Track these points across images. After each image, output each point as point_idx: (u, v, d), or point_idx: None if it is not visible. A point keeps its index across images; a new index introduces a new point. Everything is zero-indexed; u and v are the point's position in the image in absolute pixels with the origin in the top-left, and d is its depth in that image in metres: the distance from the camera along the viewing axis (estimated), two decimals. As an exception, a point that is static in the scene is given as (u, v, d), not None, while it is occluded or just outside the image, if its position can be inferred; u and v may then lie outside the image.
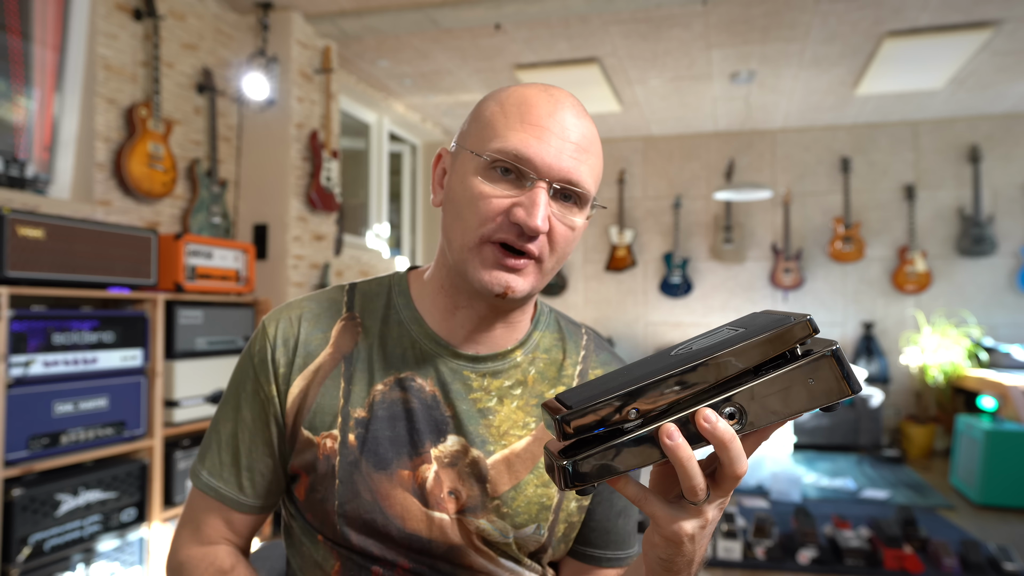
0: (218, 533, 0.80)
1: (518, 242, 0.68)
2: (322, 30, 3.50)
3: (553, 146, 0.68)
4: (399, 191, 5.54)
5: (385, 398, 0.76)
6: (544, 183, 0.68)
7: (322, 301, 0.82)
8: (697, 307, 5.73)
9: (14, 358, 1.96)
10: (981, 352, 4.84)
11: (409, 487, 0.74)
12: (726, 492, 0.54)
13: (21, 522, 1.92)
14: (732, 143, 5.66)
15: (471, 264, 0.70)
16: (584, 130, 0.71)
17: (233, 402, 0.80)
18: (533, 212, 0.66)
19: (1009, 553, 2.74)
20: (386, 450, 0.75)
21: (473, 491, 0.75)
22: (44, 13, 2.54)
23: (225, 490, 0.78)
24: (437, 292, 0.78)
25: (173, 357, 2.51)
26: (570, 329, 0.87)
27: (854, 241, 5.31)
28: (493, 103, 0.72)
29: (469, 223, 0.70)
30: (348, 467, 0.74)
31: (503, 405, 0.78)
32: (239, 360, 0.82)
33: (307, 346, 0.78)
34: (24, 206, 2.31)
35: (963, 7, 3.30)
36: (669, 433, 0.51)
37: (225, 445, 0.79)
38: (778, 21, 3.47)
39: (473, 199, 0.69)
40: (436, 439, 0.75)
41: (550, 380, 0.81)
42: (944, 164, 5.27)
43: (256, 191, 3.35)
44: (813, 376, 0.51)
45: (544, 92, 0.71)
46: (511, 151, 0.68)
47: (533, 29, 3.55)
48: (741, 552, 2.84)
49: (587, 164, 0.70)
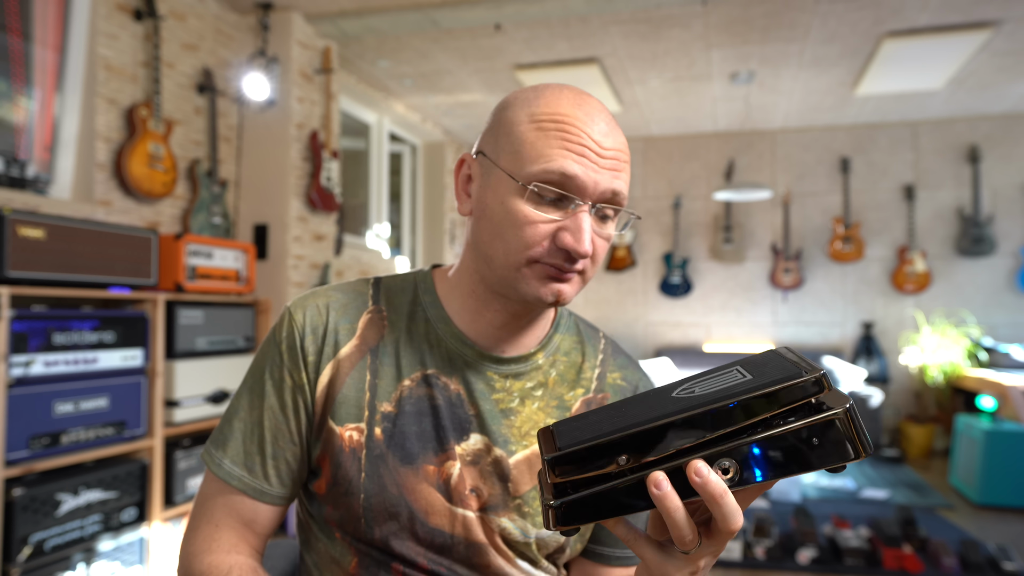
0: (237, 534, 0.77)
1: (566, 266, 0.69)
2: (322, 30, 3.50)
3: (595, 166, 0.68)
4: (399, 191, 5.54)
5: (412, 394, 0.76)
6: (587, 205, 0.68)
7: (348, 292, 0.82)
8: (697, 307, 5.73)
9: (15, 358, 1.96)
10: (980, 352, 4.85)
11: (434, 482, 0.74)
12: (720, 544, 0.53)
13: (22, 522, 1.93)
14: (732, 143, 5.67)
15: (520, 281, 0.71)
16: (618, 141, 0.70)
17: (258, 389, 0.78)
18: (580, 238, 0.67)
19: (1008, 553, 2.75)
20: (412, 444, 0.75)
21: (495, 489, 0.75)
22: (45, 13, 2.55)
23: (250, 479, 0.76)
24: (467, 296, 0.78)
25: (173, 357, 2.51)
26: (588, 333, 0.88)
27: (854, 241, 5.31)
28: (523, 115, 0.70)
29: (513, 245, 0.69)
30: (375, 460, 0.74)
31: (524, 406, 0.79)
32: (262, 347, 0.80)
33: (335, 335, 0.78)
34: (25, 206, 2.31)
35: (962, 7, 3.30)
36: (657, 482, 0.49)
37: (251, 433, 0.77)
38: (778, 21, 3.47)
39: (517, 223, 0.69)
40: (460, 437, 0.76)
41: (569, 382, 0.82)
42: (944, 164, 5.28)
43: (256, 191, 3.35)
44: (820, 436, 0.48)
45: (576, 104, 0.70)
46: (556, 177, 0.67)
47: (533, 29, 3.56)
48: (741, 552, 2.84)
49: (622, 177, 0.70)
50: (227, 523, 0.76)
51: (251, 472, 0.76)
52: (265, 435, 0.77)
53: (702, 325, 5.71)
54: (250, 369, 0.81)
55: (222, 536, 0.76)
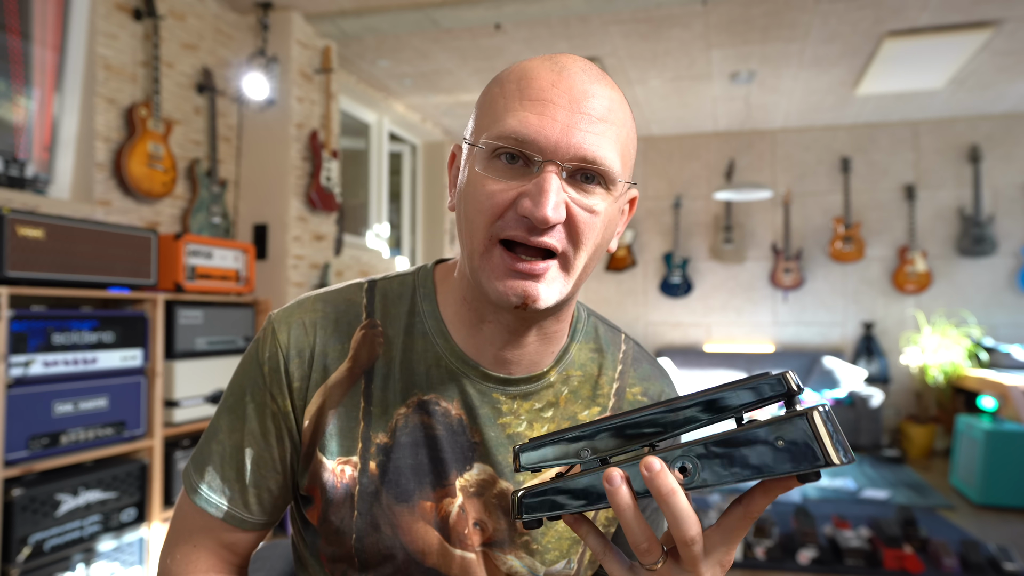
0: (216, 555, 0.71)
1: (529, 237, 0.59)
2: (322, 30, 3.50)
3: (559, 120, 0.58)
4: (399, 191, 5.54)
5: (408, 422, 0.69)
6: (554, 165, 0.58)
7: (339, 304, 0.72)
8: (697, 307, 5.73)
9: (14, 358, 1.96)
10: (981, 352, 4.84)
11: (431, 520, 0.68)
12: (687, 563, 0.49)
13: (21, 522, 1.92)
14: (732, 143, 5.66)
15: (484, 273, 0.62)
16: (599, 95, 0.60)
17: (238, 411, 0.70)
18: (540, 200, 0.57)
19: (1009, 553, 2.74)
20: (408, 480, 0.68)
21: (500, 524, 0.69)
22: (44, 13, 2.54)
23: (228, 508, 0.70)
24: (460, 304, 0.69)
25: (173, 357, 2.51)
26: (608, 337, 0.78)
27: (854, 241, 5.30)
28: (494, 84, 0.64)
29: (476, 224, 0.61)
30: (368, 498, 0.68)
31: (532, 430, 0.71)
32: (243, 363, 0.72)
33: (324, 359, 0.69)
34: (24, 206, 2.31)
35: (963, 7, 3.30)
36: (610, 477, 0.48)
37: (229, 459, 0.70)
38: (778, 21, 3.47)
39: (477, 196, 0.60)
40: (462, 468, 0.69)
41: (584, 400, 0.73)
42: (944, 164, 5.27)
43: (256, 191, 3.35)
44: (782, 436, 0.45)
45: (547, 60, 0.61)
46: (510, 133, 0.58)
47: (533, 29, 3.55)
48: (741, 552, 2.84)
49: (607, 136, 0.59)
50: (205, 545, 0.71)
51: (230, 501, 0.70)
52: (245, 462, 0.70)
53: (702, 325, 5.71)
54: (230, 386, 0.72)
55: (200, 556, 0.71)
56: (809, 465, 0.45)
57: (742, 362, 5.34)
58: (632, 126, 0.64)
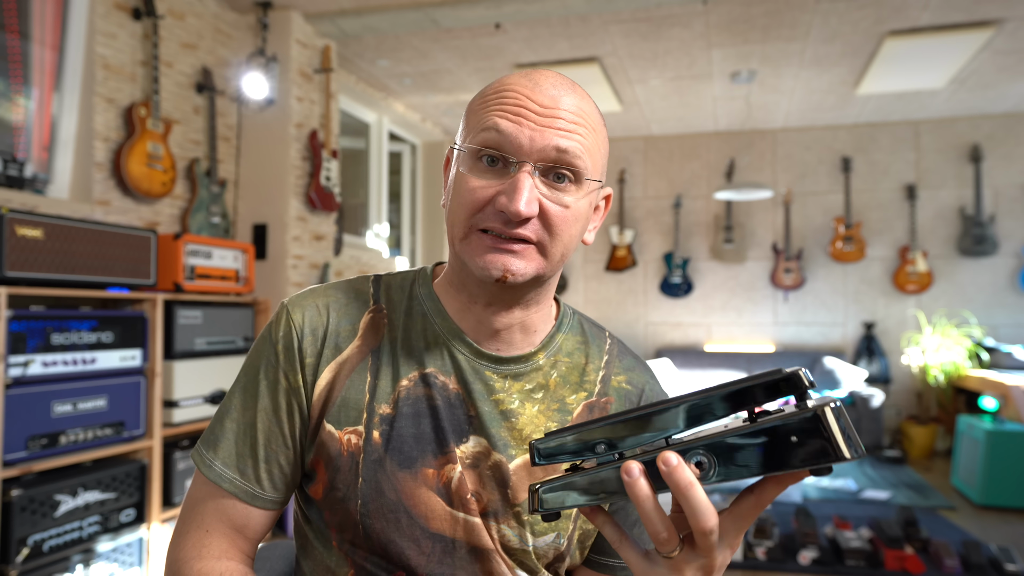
0: (228, 540, 0.74)
1: (506, 229, 0.67)
2: (322, 30, 3.50)
3: (532, 124, 0.66)
4: (399, 191, 5.54)
5: (410, 394, 0.74)
6: (528, 165, 0.66)
7: (349, 291, 0.80)
8: (697, 307, 5.72)
9: (13, 358, 1.95)
10: (982, 352, 4.84)
11: (433, 486, 0.72)
12: (702, 551, 0.52)
13: (20, 522, 1.92)
14: (732, 143, 5.66)
15: (467, 254, 0.70)
16: (571, 102, 0.68)
17: (251, 389, 0.75)
18: (515, 197, 0.65)
19: (1010, 554, 2.74)
20: (411, 448, 0.73)
21: (494, 495, 0.73)
22: (43, 12, 2.54)
23: (242, 482, 0.73)
24: (451, 287, 0.78)
25: (172, 357, 2.50)
26: (593, 333, 0.85)
27: (855, 241, 5.30)
28: (479, 96, 0.72)
29: (458, 216, 0.70)
30: (372, 465, 0.72)
31: (525, 409, 0.76)
32: (256, 345, 0.78)
33: (336, 337, 0.76)
34: (23, 206, 2.30)
35: (964, 6, 3.29)
36: (628, 469, 0.50)
37: (243, 434, 0.74)
38: (779, 20, 3.46)
39: (460, 192, 0.69)
40: (459, 439, 0.74)
41: (572, 385, 0.79)
42: (945, 164, 5.27)
43: (255, 191, 3.35)
44: (795, 432, 0.47)
45: (525, 74, 0.70)
46: (490, 137, 0.67)
47: (533, 28, 3.55)
48: (742, 552, 2.84)
49: (575, 139, 0.67)
50: (217, 528, 0.74)
51: (243, 475, 0.74)
52: (258, 437, 0.74)
53: (703, 325, 5.70)
54: (244, 367, 0.78)
55: (212, 542, 0.73)
56: (821, 460, 0.46)
57: (742, 362, 5.33)
58: (602, 132, 0.73)
